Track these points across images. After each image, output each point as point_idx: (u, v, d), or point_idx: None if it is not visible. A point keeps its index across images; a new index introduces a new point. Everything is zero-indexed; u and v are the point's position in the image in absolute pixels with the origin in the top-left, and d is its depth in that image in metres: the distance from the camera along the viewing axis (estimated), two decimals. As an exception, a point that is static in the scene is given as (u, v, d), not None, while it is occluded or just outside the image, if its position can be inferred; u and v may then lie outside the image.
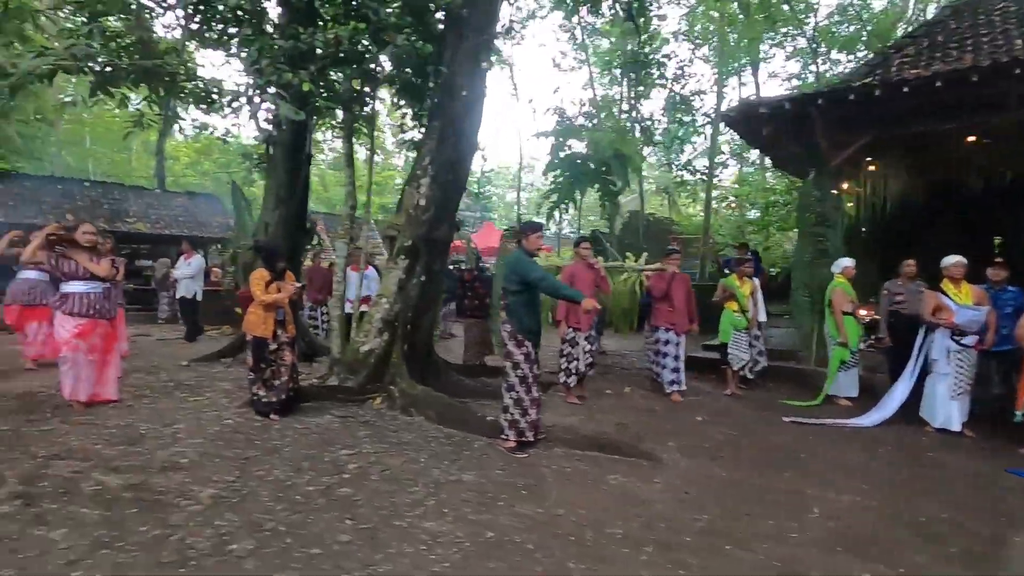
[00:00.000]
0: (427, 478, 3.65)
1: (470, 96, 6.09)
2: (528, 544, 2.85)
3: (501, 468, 3.93)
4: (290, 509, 3.11)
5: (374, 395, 5.70)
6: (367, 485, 3.50)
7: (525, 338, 4.29)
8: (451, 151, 6.07)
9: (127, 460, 3.70)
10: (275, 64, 5.11)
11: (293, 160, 7.40)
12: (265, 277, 4.89)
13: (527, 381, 4.30)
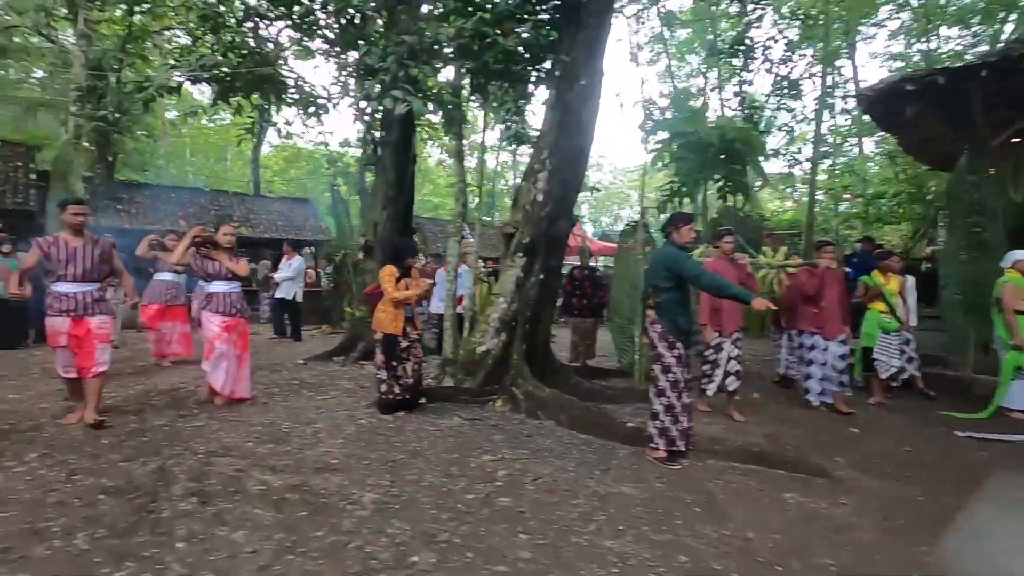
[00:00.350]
0: (585, 489, 3.40)
1: (588, 86, 5.81)
2: (733, 574, 2.52)
3: (660, 480, 3.61)
4: (457, 519, 2.94)
5: (494, 397, 5.55)
6: (525, 495, 3.29)
7: (677, 339, 3.95)
8: (569, 144, 5.82)
9: (281, 459, 3.68)
10: (400, 60, 5.04)
11: (400, 160, 7.41)
12: (394, 274, 4.82)
13: (679, 386, 3.96)
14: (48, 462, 3.52)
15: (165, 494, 3.09)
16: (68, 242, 4.14)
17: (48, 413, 4.63)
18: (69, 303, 4.10)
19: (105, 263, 4.29)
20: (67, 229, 4.18)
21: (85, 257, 4.16)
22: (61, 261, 4.10)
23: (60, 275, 4.11)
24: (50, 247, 4.09)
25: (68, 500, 2.99)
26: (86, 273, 4.16)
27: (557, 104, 5.85)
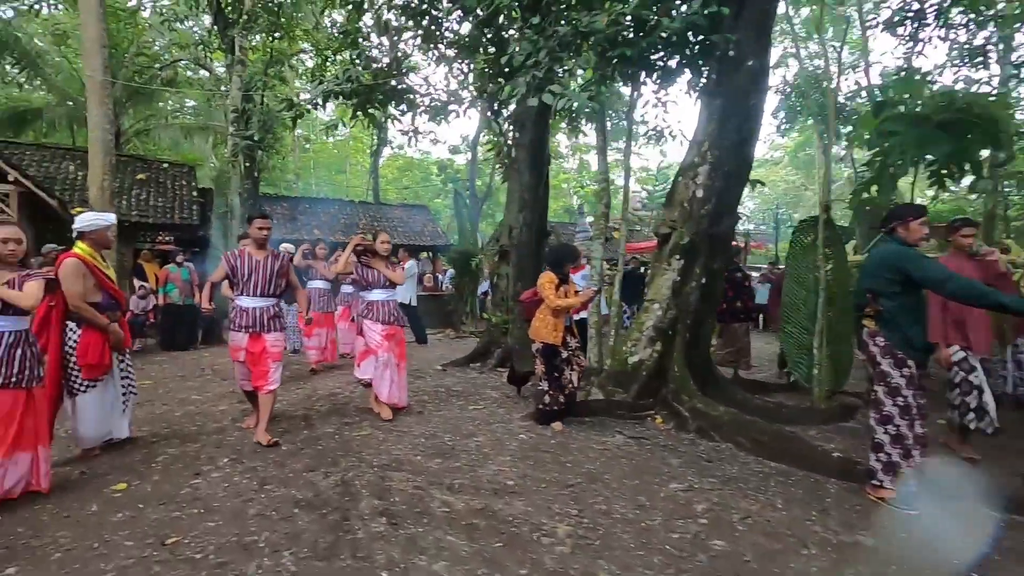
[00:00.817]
0: (811, 536, 2.86)
1: (756, 67, 5.19)
2: None
3: (904, 532, 2.97)
4: (671, 565, 2.55)
5: (651, 412, 5.10)
6: (740, 538, 2.82)
7: (907, 355, 3.27)
8: (734, 133, 5.23)
9: (455, 477, 3.51)
10: (553, 54, 4.76)
11: (536, 161, 7.18)
12: (553, 281, 4.55)
13: (910, 412, 3.27)
14: (239, 468, 3.61)
15: (355, 511, 2.99)
16: (252, 255, 4.17)
17: (228, 416, 4.88)
18: (248, 319, 4.10)
19: (282, 277, 4.27)
20: (251, 242, 4.23)
21: (265, 271, 4.15)
22: (244, 274, 4.12)
23: (242, 289, 4.13)
24: (235, 260, 4.13)
25: (266, 512, 2.98)
26: (265, 287, 4.15)
27: (720, 89, 5.28)
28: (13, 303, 2.91)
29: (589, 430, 4.63)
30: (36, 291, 3.00)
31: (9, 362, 2.94)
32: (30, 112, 17.08)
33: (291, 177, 27.53)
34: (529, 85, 4.86)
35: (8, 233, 3.02)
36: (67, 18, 17.24)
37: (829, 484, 3.60)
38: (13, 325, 3.00)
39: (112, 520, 2.89)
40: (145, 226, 11.42)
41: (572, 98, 4.43)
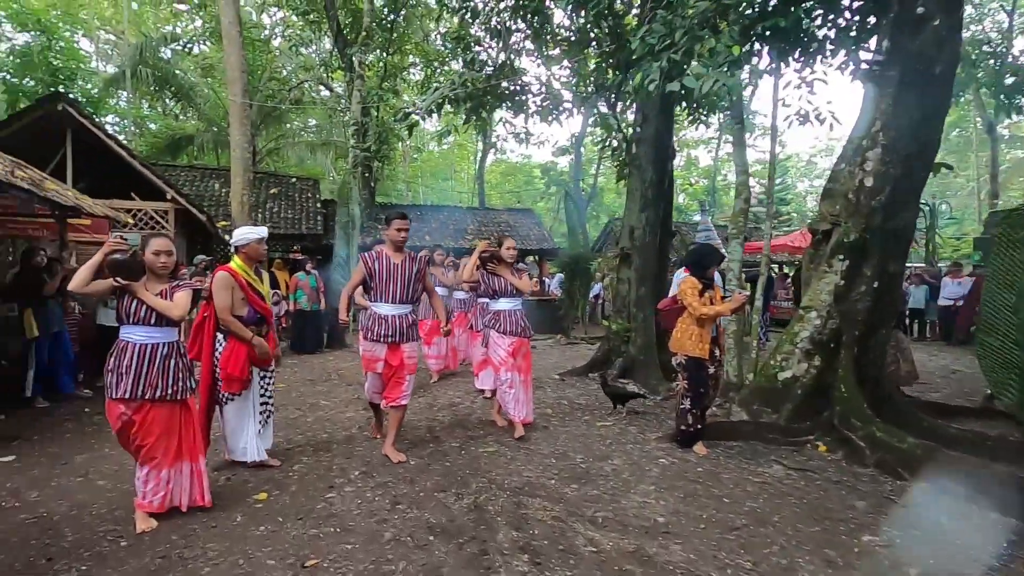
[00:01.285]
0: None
1: (943, 28, 4.30)
2: None
3: None
4: (897, 652, 1.99)
5: (811, 438, 4.39)
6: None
7: None
8: (914, 108, 4.37)
9: (596, 508, 3.14)
10: (692, 33, 4.26)
11: (659, 156, 6.64)
12: (697, 286, 4.05)
13: None
14: (370, 483, 3.51)
15: (493, 543, 2.73)
16: (390, 258, 3.83)
17: (355, 423, 4.90)
18: (387, 328, 3.78)
19: (420, 282, 3.95)
20: (389, 245, 3.88)
21: (403, 275, 3.82)
22: (382, 279, 3.80)
23: (379, 294, 3.82)
24: (374, 263, 3.80)
25: (401, 537, 2.81)
26: (404, 293, 3.83)
27: (894, 57, 4.45)
28: (164, 313, 2.92)
29: (739, 457, 4.06)
30: (185, 301, 2.99)
31: (164, 374, 2.93)
32: (184, 138, 19.30)
33: (401, 186, 28.82)
34: (663, 71, 4.39)
35: (160, 246, 3.02)
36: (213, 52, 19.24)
37: (1088, 550, 2.77)
38: (166, 336, 3.00)
39: (255, 534, 2.86)
40: (276, 237, 12.31)
41: (720, 79, 3.88)
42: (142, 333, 2.92)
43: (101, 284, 2.85)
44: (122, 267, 2.85)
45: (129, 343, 2.90)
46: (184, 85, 18.16)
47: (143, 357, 2.89)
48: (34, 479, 3.64)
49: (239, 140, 9.33)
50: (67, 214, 6.81)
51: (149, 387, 2.88)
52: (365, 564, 2.56)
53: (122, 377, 2.85)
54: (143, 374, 2.87)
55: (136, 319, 2.90)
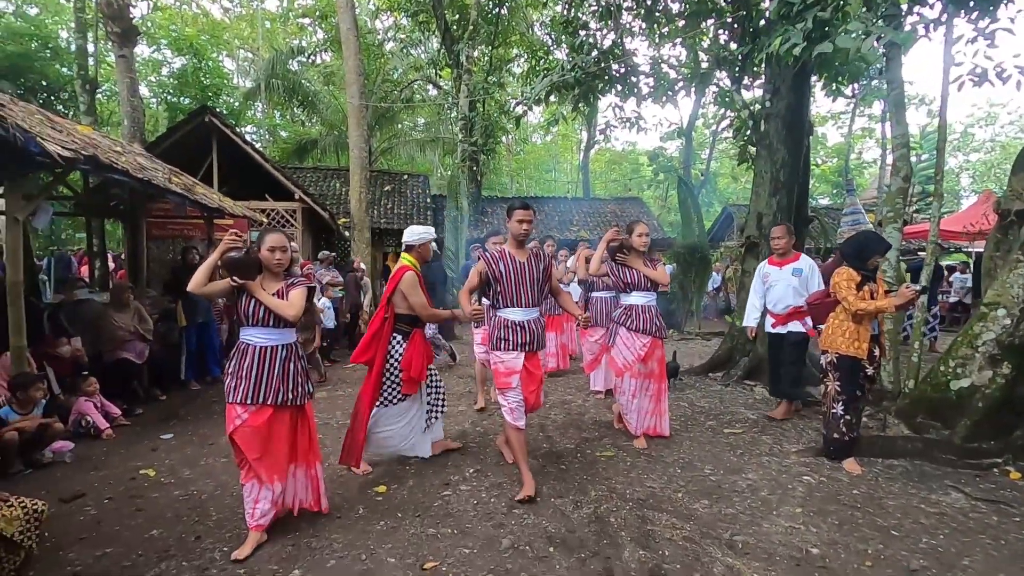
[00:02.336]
0: None
1: None
2: None
3: None
4: None
5: (999, 461, 3.65)
6: None
7: None
8: None
9: (734, 530, 2.80)
10: None
11: (793, 134, 5.93)
12: (855, 278, 3.52)
13: None
14: (485, 483, 3.43)
15: (618, 562, 2.51)
16: (515, 257, 3.31)
17: (467, 418, 4.88)
18: (524, 335, 3.29)
19: (547, 280, 3.47)
20: (510, 240, 3.36)
21: (532, 274, 3.33)
22: (510, 281, 3.28)
23: (508, 299, 3.29)
24: (497, 265, 3.28)
25: (520, 545, 2.68)
26: (535, 294, 3.35)
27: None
28: (278, 313, 2.72)
29: (902, 480, 3.46)
30: (300, 300, 2.80)
31: (285, 378, 2.75)
32: (309, 142, 20.89)
33: (506, 180, 29.12)
34: (809, 35, 3.83)
35: (275, 241, 2.80)
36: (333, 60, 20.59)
37: None
38: (284, 338, 2.81)
39: (376, 528, 2.87)
40: (389, 232, 12.90)
41: (886, 35, 3.27)
42: (261, 335, 2.76)
43: (219, 284, 2.72)
44: (237, 265, 2.71)
45: (249, 346, 2.75)
46: (309, 93, 19.63)
47: (263, 360, 2.72)
48: (187, 457, 3.99)
49: (356, 140, 9.83)
50: (213, 215, 7.54)
51: (269, 392, 2.71)
52: (484, 573, 2.46)
53: (242, 381, 2.70)
54: (263, 378, 2.71)
55: (255, 320, 2.73)
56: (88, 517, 3.08)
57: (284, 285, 2.83)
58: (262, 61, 21.69)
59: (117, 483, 3.54)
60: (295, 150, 20.85)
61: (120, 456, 4.05)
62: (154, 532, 2.89)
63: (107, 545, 2.76)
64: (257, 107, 22.82)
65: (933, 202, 4.62)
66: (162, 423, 4.85)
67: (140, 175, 4.91)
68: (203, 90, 19.84)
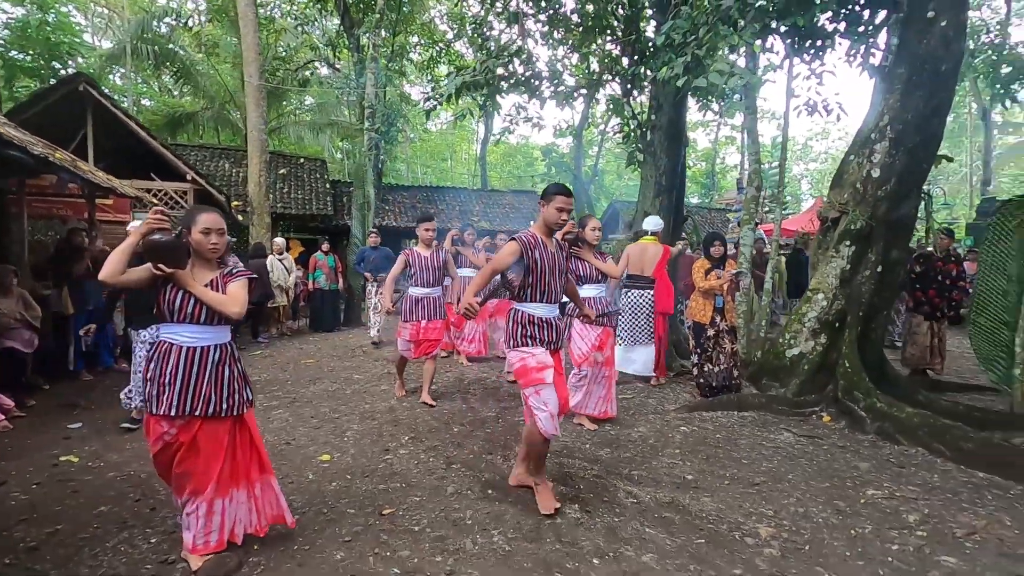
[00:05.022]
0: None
1: (949, 28, 4.59)
2: None
3: None
4: (896, 572, 2.38)
5: (817, 409, 4.78)
6: (973, 556, 2.56)
7: None
8: (920, 104, 4.68)
9: (630, 468, 3.52)
10: (716, 30, 4.52)
11: (673, 145, 6.91)
12: (705, 266, 4.91)
13: None
14: (421, 447, 3.86)
15: (545, 496, 3.09)
16: (547, 246, 2.95)
17: (391, 395, 5.23)
18: (551, 332, 2.97)
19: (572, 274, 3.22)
20: (539, 228, 2.98)
21: (561, 265, 3.01)
22: (543, 272, 2.92)
23: (537, 292, 2.94)
24: (534, 250, 2.89)
25: (462, 491, 3.17)
26: (559, 286, 3.02)
27: (902, 56, 4.74)
28: (219, 310, 2.29)
29: (752, 426, 4.44)
30: (243, 295, 2.38)
31: (218, 384, 2.35)
32: (183, 116, 19.21)
33: (401, 167, 28.83)
34: (688, 66, 4.66)
35: (210, 222, 2.34)
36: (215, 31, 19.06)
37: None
38: (218, 337, 2.38)
39: (329, 489, 3.20)
40: (287, 217, 12.51)
41: (744, 76, 4.16)
42: (190, 333, 2.32)
43: (137, 273, 2.26)
44: (164, 250, 2.23)
45: (173, 346, 2.31)
46: (185, 63, 18.06)
47: (190, 363, 2.31)
48: (109, 444, 3.96)
49: (256, 122, 9.48)
50: (96, 194, 7.01)
51: (199, 401, 2.31)
52: (435, 512, 2.91)
53: (165, 389, 2.28)
54: (192, 385, 2.30)
55: (183, 316, 2.30)
56: (19, 502, 3.06)
57: (220, 275, 2.40)
58: (124, 20, 19.48)
59: (38, 470, 3.47)
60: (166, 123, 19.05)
61: (29, 446, 3.91)
62: (102, 508, 2.97)
63: (55, 523, 2.81)
64: (117, 72, 20.47)
65: (776, 208, 5.76)
66: (63, 413, 4.65)
67: (35, 151, 4.60)
68: (51, 48, 17.45)
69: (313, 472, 3.44)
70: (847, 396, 4.58)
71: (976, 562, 2.51)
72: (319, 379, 5.88)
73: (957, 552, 2.60)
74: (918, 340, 6.07)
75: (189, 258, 2.36)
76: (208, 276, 2.39)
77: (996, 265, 4.66)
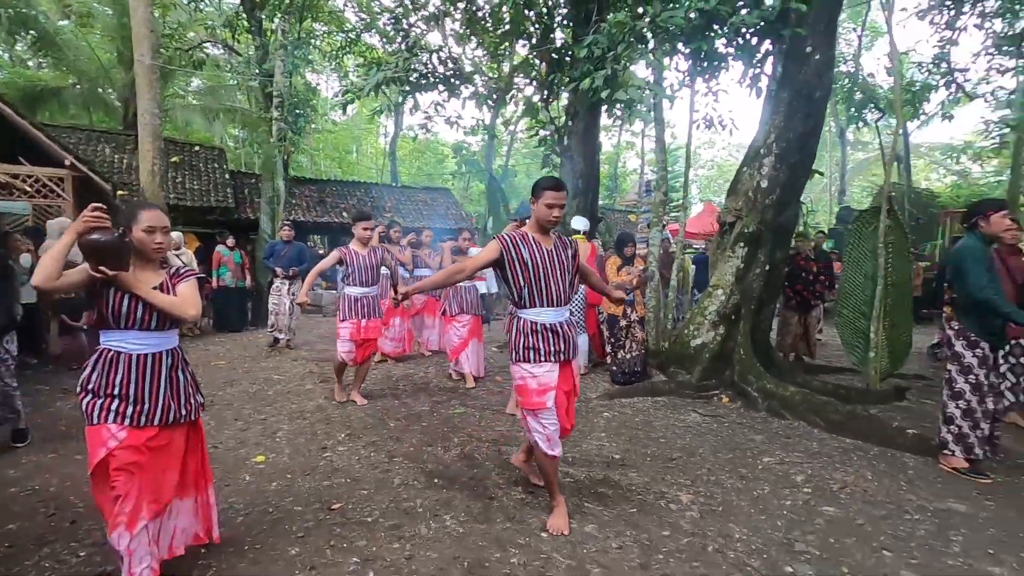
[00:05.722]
0: (908, 503, 3.15)
1: (821, 62, 5.36)
2: None
3: (987, 499, 3.26)
4: (795, 527, 2.84)
5: (716, 392, 5.38)
6: (847, 505, 3.11)
7: (980, 338, 3.54)
8: (799, 124, 5.42)
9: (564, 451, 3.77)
10: (632, 47, 4.93)
11: (588, 149, 7.35)
12: (617, 263, 5.42)
13: (981, 389, 3.55)
14: (360, 443, 3.88)
15: (490, 480, 3.28)
16: (541, 244, 2.73)
17: (319, 394, 5.14)
18: (558, 341, 2.71)
19: (576, 271, 2.88)
20: (533, 225, 2.77)
21: (562, 266, 2.77)
22: (538, 273, 2.69)
23: (536, 295, 2.71)
24: (521, 249, 2.69)
25: (408, 482, 3.26)
26: (565, 291, 2.77)
27: (785, 83, 5.46)
28: (175, 314, 2.17)
29: (665, 409, 4.92)
30: (195, 295, 2.26)
31: (175, 391, 2.24)
32: (46, 92, 17.00)
33: (303, 159, 27.49)
34: (608, 80, 5.04)
35: (154, 220, 2.18)
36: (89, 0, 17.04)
37: (906, 458, 3.88)
38: (167, 342, 2.24)
39: (271, 488, 3.16)
40: (183, 209, 11.56)
41: (658, 92, 4.60)
42: (139, 341, 2.16)
43: (74, 276, 2.07)
44: (107, 251, 2.04)
45: (121, 354, 2.15)
46: (48, 30, 15.97)
47: (143, 372, 2.16)
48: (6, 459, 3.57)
49: (148, 105, 8.68)
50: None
51: (155, 410, 2.17)
52: (385, 503, 2.99)
53: (115, 400, 2.12)
54: (146, 394, 2.16)
55: (130, 322, 2.13)
56: (-98, 528, 2.72)
57: (167, 277, 2.26)
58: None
59: (-82, 491, 3.08)
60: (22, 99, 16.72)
61: None
62: (11, 527, 2.73)
63: (-45, 547, 2.55)
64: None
65: (679, 213, 6.35)
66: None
67: None
68: None
69: (249, 473, 3.36)
70: (742, 380, 5.21)
71: (848, 509, 3.05)
72: (235, 381, 5.62)
73: (834, 503, 3.13)
74: (790, 331, 6.97)
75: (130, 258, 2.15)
76: (154, 278, 2.22)
77: (856, 264, 5.52)
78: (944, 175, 27.32)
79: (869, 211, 5.47)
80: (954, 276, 3.62)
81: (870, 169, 28.16)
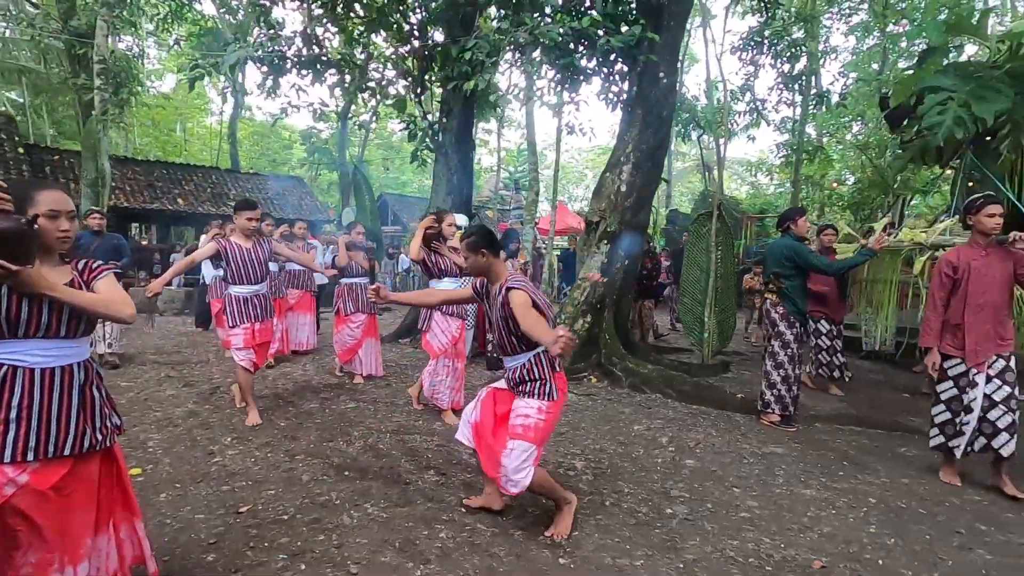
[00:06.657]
0: (744, 450, 3.94)
1: (668, 84, 6.23)
2: (940, 517, 3.12)
3: (795, 441, 4.20)
4: (669, 478, 3.40)
5: (586, 373, 6.01)
6: (702, 457, 3.79)
7: (797, 320, 4.53)
8: (651, 137, 6.24)
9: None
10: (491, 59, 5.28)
11: (463, 146, 7.59)
12: None
13: (795, 359, 4.55)
14: (252, 446, 3.70)
15: (401, 467, 3.38)
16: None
17: (185, 400, 4.70)
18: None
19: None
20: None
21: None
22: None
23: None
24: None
25: (317, 477, 3.23)
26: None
27: (639, 101, 6.24)
28: (110, 313, 1.78)
29: (544, 391, 5.37)
30: (123, 293, 1.90)
31: (90, 412, 1.83)
32: None
33: (114, 134, 23.61)
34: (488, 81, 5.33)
35: (56, 202, 1.75)
36: None
37: (737, 417, 4.79)
38: (79, 353, 1.84)
39: (161, 500, 2.91)
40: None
41: (540, 100, 5.00)
42: (42, 352, 1.74)
43: None
44: (9, 240, 1.56)
45: (18, 369, 1.71)
46: None
47: (49, 390, 1.75)
48: None
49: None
50: None
51: (65, 437, 1.76)
52: (299, 500, 2.95)
53: (11, 426, 1.68)
54: (52, 418, 1.74)
55: (31, 330, 1.70)
56: None
57: (76, 273, 1.86)
58: None
59: None
60: None
61: None
62: None
63: None
64: None
65: (553, 211, 6.91)
66: None
67: None
68: None
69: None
70: (608, 361, 5.89)
71: (704, 460, 3.73)
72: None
73: (693, 456, 3.79)
74: (630, 317, 7.98)
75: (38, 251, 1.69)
76: (61, 274, 1.79)
77: (694, 260, 6.54)
78: (740, 185, 32.49)
79: (704, 215, 6.52)
80: (780, 267, 4.54)
81: (687, 177, 32.49)
